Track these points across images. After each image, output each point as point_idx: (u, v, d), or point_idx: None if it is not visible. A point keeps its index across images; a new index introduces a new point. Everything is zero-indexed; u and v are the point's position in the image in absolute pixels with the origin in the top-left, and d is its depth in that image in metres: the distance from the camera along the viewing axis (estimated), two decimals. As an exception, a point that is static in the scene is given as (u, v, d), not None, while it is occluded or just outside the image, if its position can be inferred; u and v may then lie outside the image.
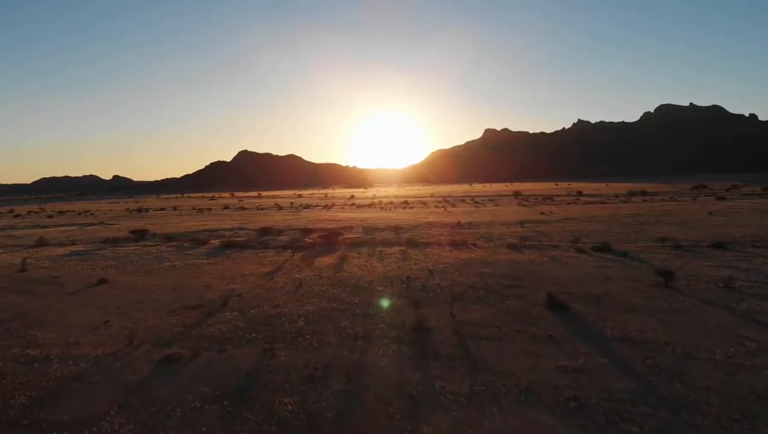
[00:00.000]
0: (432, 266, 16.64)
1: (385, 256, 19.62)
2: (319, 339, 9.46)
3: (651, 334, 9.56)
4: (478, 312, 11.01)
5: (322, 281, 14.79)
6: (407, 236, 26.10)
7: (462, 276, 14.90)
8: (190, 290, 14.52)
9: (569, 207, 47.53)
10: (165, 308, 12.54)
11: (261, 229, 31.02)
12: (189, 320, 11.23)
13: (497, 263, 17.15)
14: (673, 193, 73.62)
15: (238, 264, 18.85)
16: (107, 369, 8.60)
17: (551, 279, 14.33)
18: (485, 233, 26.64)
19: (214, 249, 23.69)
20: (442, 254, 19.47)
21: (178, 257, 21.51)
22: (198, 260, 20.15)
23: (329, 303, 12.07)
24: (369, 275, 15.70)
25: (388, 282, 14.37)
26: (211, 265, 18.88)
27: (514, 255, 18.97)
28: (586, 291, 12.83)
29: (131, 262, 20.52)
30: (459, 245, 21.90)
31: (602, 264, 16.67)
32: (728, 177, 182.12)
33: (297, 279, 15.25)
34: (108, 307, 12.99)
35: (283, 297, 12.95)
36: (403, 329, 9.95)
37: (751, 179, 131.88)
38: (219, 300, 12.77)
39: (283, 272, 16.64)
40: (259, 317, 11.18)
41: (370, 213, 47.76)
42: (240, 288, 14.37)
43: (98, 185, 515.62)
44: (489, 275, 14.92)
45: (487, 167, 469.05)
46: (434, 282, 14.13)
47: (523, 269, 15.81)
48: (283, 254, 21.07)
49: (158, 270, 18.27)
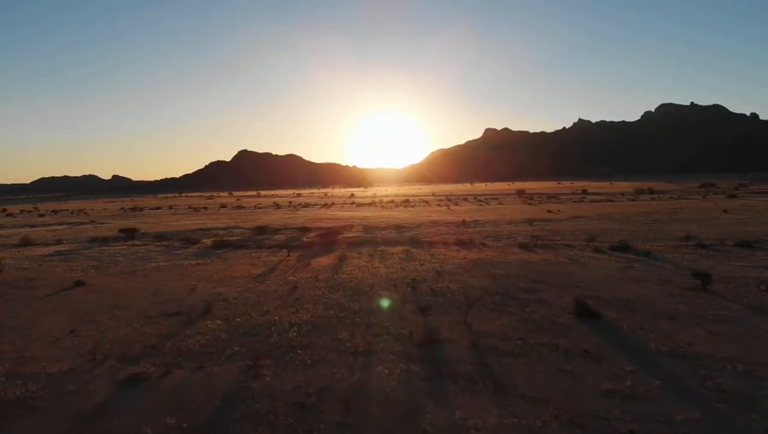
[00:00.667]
0: (439, 268, 15.20)
1: (388, 256, 18.20)
2: (312, 354, 8.03)
3: (702, 347, 8.13)
4: (496, 321, 9.57)
5: (318, 285, 13.35)
6: (410, 235, 24.67)
7: (473, 278, 13.46)
8: (172, 294, 13.09)
9: (576, 205, 46.11)
10: (141, 315, 11.11)
11: (256, 228, 29.60)
12: (165, 330, 9.80)
13: (510, 263, 15.72)
14: (679, 191, 72.18)
15: (229, 265, 17.42)
16: (59, 392, 7.17)
17: (573, 282, 12.90)
18: (493, 232, 25.21)
19: (205, 249, 22.26)
20: (449, 254, 18.04)
21: (165, 257, 20.08)
22: (186, 261, 18.72)
23: (326, 310, 10.63)
24: (370, 277, 14.27)
25: (391, 285, 12.94)
26: (199, 266, 17.45)
27: (526, 255, 17.53)
28: (615, 296, 11.40)
29: (114, 262, 19.10)
30: (466, 245, 20.47)
31: (626, 265, 15.24)
32: (730, 176, 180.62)
33: (291, 282, 13.82)
34: (78, 314, 11.57)
35: (273, 303, 11.52)
36: (411, 341, 8.52)
37: (757, 178, 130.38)
38: (202, 306, 11.34)
39: (277, 274, 15.21)
40: (245, 326, 9.75)
41: (371, 212, 46.35)
42: (227, 292, 12.94)
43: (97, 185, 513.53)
44: (503, 277, 13.49)
45: (488, 167, 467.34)
46: (443, 285, 12.70)
47: (540, 271, 14.38)
48: (278, 254, 19.65)
49: (141, 272, 16.85)
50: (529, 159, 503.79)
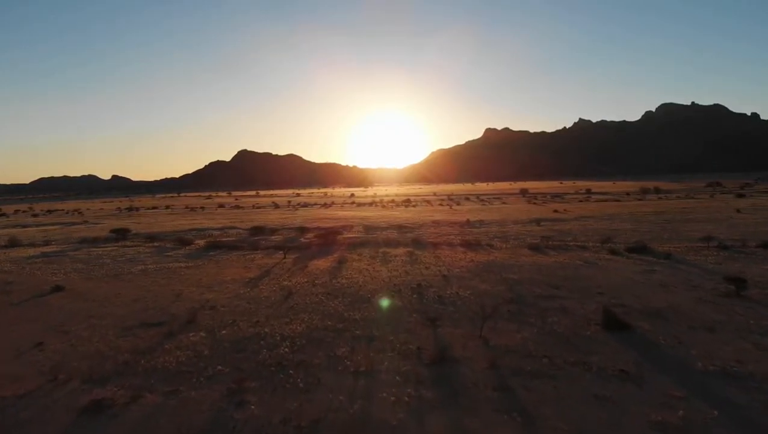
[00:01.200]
0: (446, 271, 14.10)
1: (390, 258, 17.10)
2: (306, 376, 6.94)
3: (754, 366, 7.05)
4: (515, 334, 8.48)
5: (315, 290, 12.25)
6: (413, 236, 23.57)
7: (484, 283, 12.37)
8: (156, 300, 12.00)
9: (582, 205, 44.98)
10: (118, 325, 10.03)
11: (253, 228, 28.50)
12: (142, 344, 8.72)
13: (522, 267, 14.62)
14: (686, 191, 71.01)
15: (220, 268, 16.33)
16: (8, 422, 6.10)
17: (594, 287, 11.81)
18: (499, 232, 24.11)
19: (198, 250, 21.16)
20: (456, 257, 16.94)
21: (154, 259, 18.99)
22: (175, 264, 17.63)
23: (322, 321, 9.53)
24: (372, 281, 13.17)
25: (395, 291, 11.84)
26: (189, 269, 16.36)
27: (538, 257, 16.43)
28: (643, 303, 10.30)
29: (101, 265, 18.01)
30: (473, 246, 19.38)
31: (647, 268, 14.14)
32: (732, 176, 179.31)
33: (285, 287, 12.72)
34: (50, 323, 10.48)
35: (265, 312, 10.42)
36: (419, 359, 7.43)
37: (763, 177, 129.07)
38: (186, 315, 10.26)
39: (271, 279, 14.10)
40: (232, 339, 8.66)
41: (372, 211, 45.20)
42: (215, 299, 11.84)
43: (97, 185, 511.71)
44: (518, 283, 12.39)
45: (488, 167, 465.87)
46: (452, 291, 11.60)
47: (556, 275, 13.28)
48: (274, 256, 18.56)
49: (127, 275, 15.76)
50: (529, 159, 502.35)
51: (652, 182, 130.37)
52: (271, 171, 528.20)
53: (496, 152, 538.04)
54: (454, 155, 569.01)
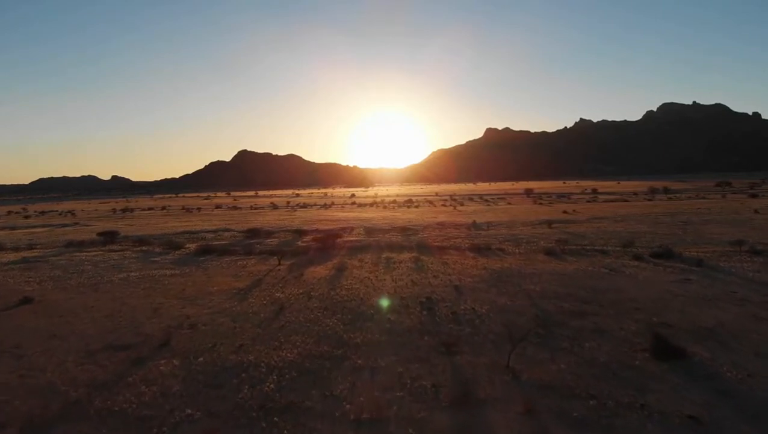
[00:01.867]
0: (458, 281, 12.67)
1: (394, 265, 15.68)
2: (295, 426, 5.52)
3: None
4: (549, 364, 7.06)
5: (311, 304, 10.83)
6: (418, 239, 22.17)
7: (503, 296, 10.94)
8: (131, 316, 10.59)
9: (591, 206, 43.53)
10: (82, 348, 8.63)
11: (248, 230, 27.10)
12: (103, 374, 7.32)
13: (542, 275, 13.19)
14: (694, 190, 69.51)
15: (208, 277, 14.91)
16: None
17: (628, 301, 10.39)
18: (509, 235, 22.68)
19: (187, 255, 19.76)
20: (466, 263, 15.52)
21: (139, 265, 17.58)
22: (160, 271, 16.22)
23: (318, 345, 8.11)
24: (375, 293, 11.76)
25: (401, 306, 10.42)
26: (174, 278, 14.95)
27: (557, 264, 15.01)
28: (690, 322, 8.88)
29: (80, 272, 16.60)
30: (483, 250, 17.96)
31: (681, 277, 12.72)
32: (735, 175, 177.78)
33: (277, 301, 11.30)
34: (5, 345, 9.09)
35: (252, 332, 9.01)
36: (437, 401, 6.01)
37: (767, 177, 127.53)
38: (161, 336, 8.85)
39: (262, 289, 12.69)
40: (208, 370, 7.25)
41: (373, 212, 43.74)
42: (197, 315, 10.43)
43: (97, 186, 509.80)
44: (540, 296, 10.97)
45: (489, 167, 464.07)
46: (467, 307, 10.18)
47: (581, 286, 11.85)
48: (268, 262, 17.14)
49: (106, 284, 14.35)
50: (530, 159, 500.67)
51: (654, 181, 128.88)
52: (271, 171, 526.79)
53: (496, 152, 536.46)
54: (454, 155, 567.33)
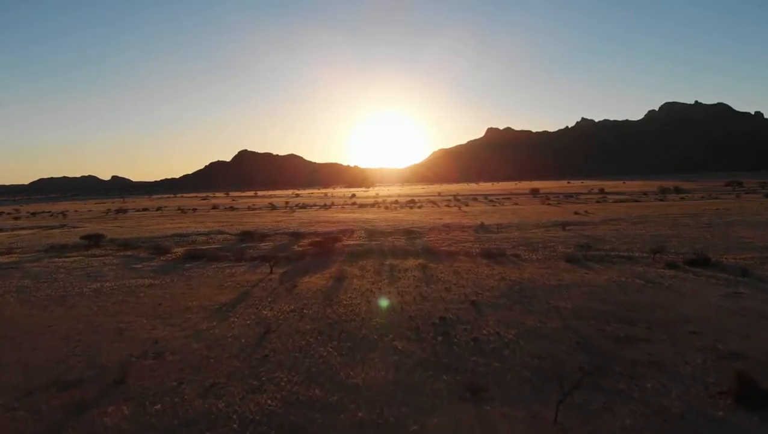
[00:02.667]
0: (474, 295, 10.98)
1: (399, 274, 14.01)
2: None
3: None
4: (608, 417, 5.38)
5: (302, 326, 9.16)
6: (423, 243, 20.50)
7: (530, 316, 9.26)
8: (91, 340, 8.94)
9: (602, 206, 41.75)
10: (20, 384, 7.01)
11: (241, 233, 25.41)
12: (29, 427, 5.66)
13: (570, 288, 11.50)
14: (705, 190, 67.64)
15: (190, 287, 13.25)
16: None
17: (679, 322, 8.71)
18: (522, 238, 20.98)
19: (172, 261, 18.10)
20: (480, 272, 13.83)
21: (117, 273, 15.93)
22: (139, 280, 14.56)
23: (307, 387, 6.42)
24: (379, 311, 10.08)
25: (411, 329, 8.75)
26: (152, 289, 13.28)
27: (583, 273, 13.32)
28: (764, 350, 7.20)
29: (51, 282, 14.95)
30: (496, 257, 16.28)
31: (730, 290, 11.03)
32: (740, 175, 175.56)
33: (264, 320, 9.62)
34: (-71, 378, 7.43)
35: (228, 365, 7.34)
36: (469, 484, 4.33)
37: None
38: (117, 369, 7.20)
39: (248, 305, 11.01)
40: (165, 425, 5.57)
41: (374, 214, 41.97)
42: (168, 338, 8.77)
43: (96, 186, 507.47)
44: (575, 315, 9.28)
45: (490, 166, 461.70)
46: (489, 330, 8.50)
47: (619, 302, 10.17)
48: (258, 271, 15.47)
49: (75, 297, 12.70)
50: (531, 159, 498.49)
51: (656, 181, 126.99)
52: (271, 171, 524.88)
53: (498, 152, 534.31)
54: (455, 155, 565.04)
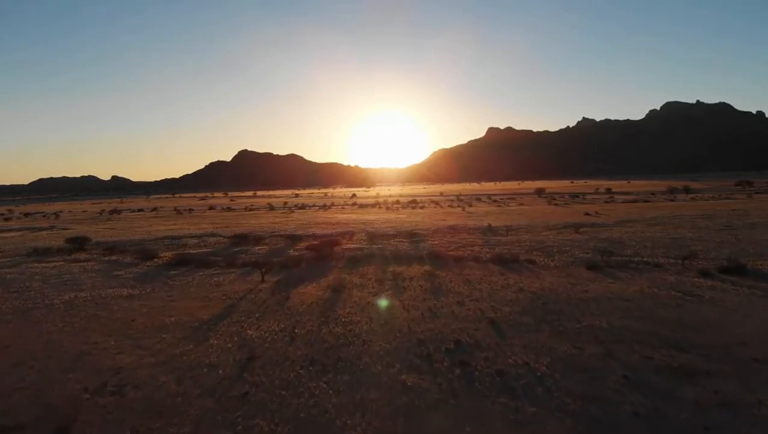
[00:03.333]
0: (492, 311, 9.60)
1: (404, 283, 12.64)
2: None
3: None
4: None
5: (292, 352, 7.79)
6: (428, 246, 19.13)
7: (562, 340, 7.88)
8: (44, 367, 7.58)
9: (612, 207, 40.32)
10: (-63, 432, 5.61)
11: (235, 236, 24.04)
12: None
13: (599, 302, 10.13)
14: (715, 190, 66.16)
15: (171, 299, 11.88)
16: None
17: (737, 346, 7.35)
18: (534, 242, 19.61)
19: (158, 268, 16.74)
20: (494, 281, 12.45)
21: (95, 282, 14.57)
22: (117, 290, 13.20)
23: (294, 444, 5.05)
24: (382, 331, 8.72)
25: (421, 357, 7.38)
26: (129, 301, 11.92)
27: (609, 283, 11.95)
28: None
29: (20, 291, 13.60)
30: (510, 263, 14.91)
31: (785, 305, 9.65)
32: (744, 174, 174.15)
33: (247, 343, 8.24)
34: None
35: (198, 406, 5.97)
36: None
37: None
38: (65, 410, 5.84)
39: (232, 322, 9.64)
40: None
41: (375, 214, 40.53)
42: (134, 367, 7.41)
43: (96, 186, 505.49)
44: (613, 337, 7.90)
45: (491, 166, 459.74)
46: (516, 358, 7.13)
47: (660, 320, 8.79)
48: (249, 279, 14.11)
49: (41, 310, 11.34)
50: (532, 158, 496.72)
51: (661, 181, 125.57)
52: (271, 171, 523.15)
53: (498, 152, 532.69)
54: (456, 155, 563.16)
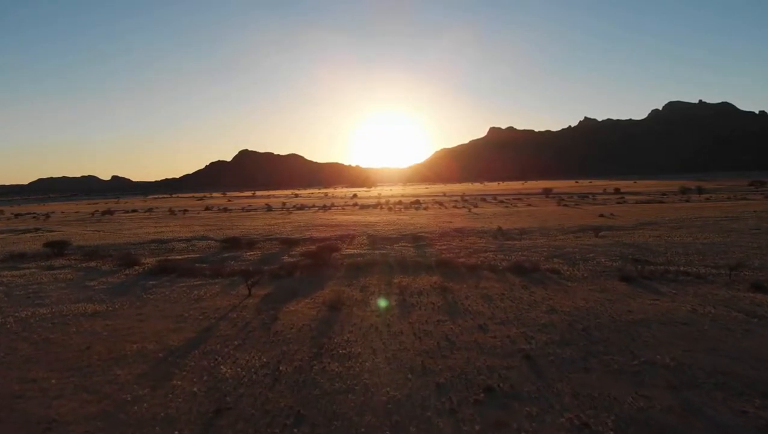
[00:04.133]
0: (524, 340, 7.85)
1: (413, 299, 10.91)
2: None
3: None
4: None
5: (272, 403, 6.04)
6: (436, 252, 17.40)
7: (622, 385, 6.14)
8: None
9: (626, 208, 38.46)
10: None
11: (226, 240, 22.29)
12: None
13: (649, 325, 8.39)
14: (724, 190, 64.16)
15: (140, 319, 10.16)
16: None
17: None
18: (551, 247, 17.85)
19: (136, 277, 15.02)
20: (519, 297, 10.71)
21: (62, 294, 12.86)
22: (84, 305, 11.49)
23: None
24: (389, 370, 6.98)
25: (443, 414, 5.64)
26: (92, 320, 10.20)
27: (652, 299, 10.21)
28: None
29: (-26, 306, 11.88)
30: (530, 273, 13.18)
31: None
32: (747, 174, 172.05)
33: (220, 386, 6.50)
34: None
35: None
36: None
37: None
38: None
39: (205, 352, 7.90)
40: None
41: (377, 216, 38.67)
42: (68, 421, 5.70)
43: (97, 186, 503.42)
44: (687, 381, 6.16)
45: (493, 166, 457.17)
46: (570, 416, 5.39)
47: (737, 353, 7.06)
48: (235, 292, 12.38)
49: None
50: (534, 158, 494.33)
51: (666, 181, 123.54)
52: (272, 171, 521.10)
53: (500, 151, 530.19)
54: (458, 154, 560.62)
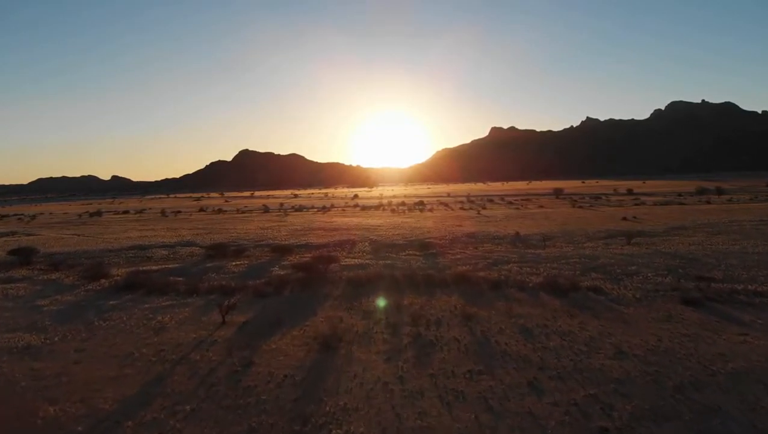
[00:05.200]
0: (599, 407, 5.48)
1: (430, 333, 8.57)
2: None
3: None
4: None
5: None
6: (449, 263, 15.05)
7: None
8: None
9: (647, 210, 35.99)
10: None
11: (213, 247, 19.96)
12: None
13: (759, 374, 6.05)
14: (742, 191, 61.61)
15: (79, 358, 7.83)
16: None
17: None
18: (583, 257, 15.47)
19: (97, 294, 12.70)
20: (568, 331, 8.35)
21: (1, 318, 10.54)
22: (15, 336, 9.17)
23: None
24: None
25: None
26: (13, 361, 7.88)
27: (738, 333, 7.89)
28: None
29: None
30: (569, 293, 10.83)
31: None
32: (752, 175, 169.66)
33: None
34: None
35: None
36: None
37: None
38: None
39: (144, 420, 5.54)
40: None
41: (379, 218, 36.05)
42: None
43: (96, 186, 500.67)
44: None
45: (494, 166, 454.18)
46: None
47: None
48: (207, 318, 10.03)
49: None
50: (536, 158, 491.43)
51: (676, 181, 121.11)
52: (273, 171, 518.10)
53: (502, 151, 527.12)
54: (459, 155, 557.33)
